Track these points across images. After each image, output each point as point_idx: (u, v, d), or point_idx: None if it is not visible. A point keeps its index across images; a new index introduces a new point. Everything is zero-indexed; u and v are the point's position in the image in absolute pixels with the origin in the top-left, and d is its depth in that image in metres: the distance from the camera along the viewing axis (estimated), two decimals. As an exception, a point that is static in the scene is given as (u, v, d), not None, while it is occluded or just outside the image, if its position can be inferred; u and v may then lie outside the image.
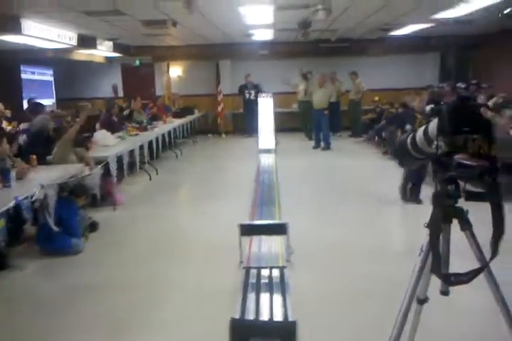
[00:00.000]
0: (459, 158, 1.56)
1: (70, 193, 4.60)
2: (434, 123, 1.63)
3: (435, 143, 1.59)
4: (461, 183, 1.57)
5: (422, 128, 1.71)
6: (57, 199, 4.29)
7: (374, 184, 7.10)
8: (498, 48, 10.66)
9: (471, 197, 1.56)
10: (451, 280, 1.55)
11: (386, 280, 3.63)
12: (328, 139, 10.28)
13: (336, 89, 11.33)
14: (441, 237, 1.59)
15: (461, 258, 1.79)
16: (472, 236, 1.60)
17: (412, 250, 4.24)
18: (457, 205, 1.60)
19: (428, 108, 6.31)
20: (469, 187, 1.61)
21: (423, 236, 1.67)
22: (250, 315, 2.94)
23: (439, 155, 1.58)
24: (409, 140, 1.77)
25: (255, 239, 4.22)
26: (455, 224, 1.63)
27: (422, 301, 1.75)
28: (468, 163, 1.61)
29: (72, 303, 3.40)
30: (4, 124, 7.26)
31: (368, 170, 8.07)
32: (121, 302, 3.41)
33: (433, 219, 1.61)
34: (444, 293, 1.61)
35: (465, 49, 12.06)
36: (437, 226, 1.58)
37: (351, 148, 10.42)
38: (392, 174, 7.70)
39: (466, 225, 1.60)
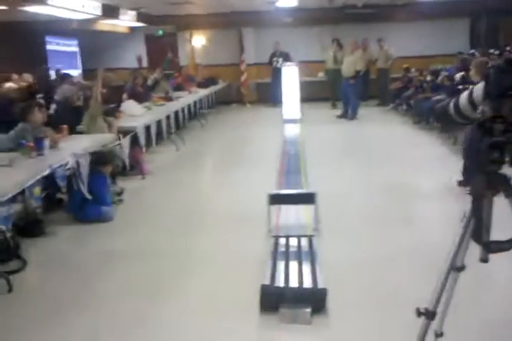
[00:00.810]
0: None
1: (95, 163, 4.63)
2: (479, 88, 1.58)
3: (480, 107, 1.54)
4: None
5: (466, 92, 1.66)
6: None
7: (401, 151, 7.04)
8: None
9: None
10: (491, 247, 1.54)
11: (416, 246, 3.65)
12: (356, 109, 10.01)
13: (367, 56, 11.03)
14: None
15: (503, 226, 1.78)
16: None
17: (441, 216, 4.29)
18: (501, 172, 1.57)
19: (458, 75, 6.15)
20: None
21: (451, 203, 1.65)
22: (280, 282, 2.99)
23: (483, 120, 1.54)
24: (452, 105, 1.72)
25: (283, 208, 4.26)
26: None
27: (460, 268, 1.74)
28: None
29: (103, 269, 3.50)
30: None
31: (396, 139, 7.98)
32: (152, 269, 3.48)
33: (476, 185, 1.59)
34: (484, 260, 1.60)
35: (495, 14, 11.60)
36: (480, 194, 1.56)
37: (378, 117, 10.25)
38: (418, 141, 7.64)
39: (510, 192, 1.57)
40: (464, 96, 1.67)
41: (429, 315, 1.78)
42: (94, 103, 5.24)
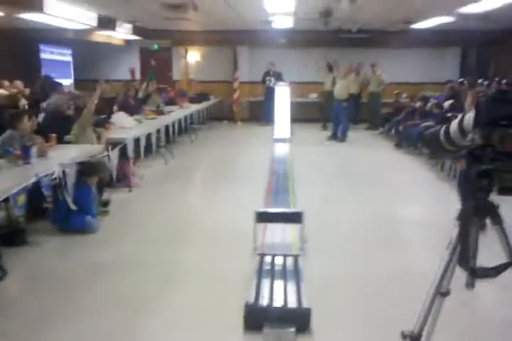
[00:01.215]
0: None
1: (81, 173, 4.58)
2: (469, 116, 1.61)
3: (470, 135, 1.57)
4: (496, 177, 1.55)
5: (457, 120, 1.69)
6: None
7: (389, 175, 7.10)
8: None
9: (504, 191, 1.55)
10: (478, 273, 1.54)
11: (402, 269, 3.66)
12: (345, 131, 10.10)
13: (359, 80, 11.19)
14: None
15: (488, 253, 1.79)
16: (502, 231, 1.59)
17: (426, 237, 4.31)
18: (489, 199, 1.58)
19: (447, 103, 6.26)
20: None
21: (437, 228, 1.66)
22: (264, 301, 2.96)
23: (473, 148, 1.56)
24: (442, 132, 1.75)
25: (269, 226, 4.24)
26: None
27: (444, 294, 1.74)
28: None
29: (87, 281, 3.45)
30: (23, 102, 7.30)
31: (382, 162, 8.05)
32: (137, 281, 3.45)
33: (464, 212, 1.60)
34: (470, 285, 1.60)
35: (486, 44, 11.87)
36: (467, 220, 1.57)
37: (368, 140, 10.36)
38: (405, 166, 7.72)
39: (497, 220, 1.58)
40: (454, 124, 1.70)
41: (414, 338, 1.77)
42: (87, 113, 5.21)
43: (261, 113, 12.37)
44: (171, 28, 11.73)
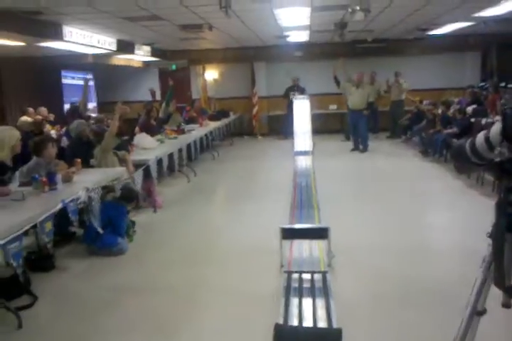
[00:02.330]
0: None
1: (121, 198, 4.73)
2: (496, 128, 1.56)
3: (498, 148, 1.52)
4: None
5: (483, 132, 1.64)
6: (109, 201, 4.59)
7: (415, 184, 6.98)
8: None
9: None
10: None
11: (433, 284, 3.56)
12: (366, 141, 10.07)
13: (374, 89, 11.12)
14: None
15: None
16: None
17: (459, 252, 4.20)
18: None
19: (470, 108, 6.16)
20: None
21: (468, 235, 1.61)
22: (294, 321, 2.92)
23: (502, 161, 1.51)
24: (468, 145, 1.70)
25: (295, 242, 4.20)
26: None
27: (480, 313, 1.68)
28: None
29: (113, 304, 3.46)
30: (48, 128, 7.45)
31: (408, 172, 7.93)
32: (162, 304, 3.44)
33: (496, 228, 1.54)
34: (507, 305, 1.54)
35: (507, 47, 11.70)
36: (501, 237, 1.51)
37: (390, 149, 10.24)
38: (431, 174, 7.59)
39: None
40: (480, 137, 1.64)
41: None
42: (108, 137, 5.27)
43: (280, 127, 12.37)
44: (188, 47, 11.91)
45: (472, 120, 7.84)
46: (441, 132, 8.42)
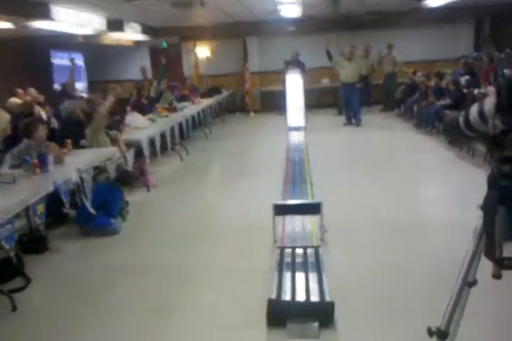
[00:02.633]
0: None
1: (118, 180, 4.74)
2: (490, 100, 1.53)
3: (491, 121, 1.50)
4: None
5: (476, 105, 1.62)
6: (105, 183, 4.65)
7: (408, 157, 6.99)
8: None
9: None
10: (505, 263, 1.49)
11: (425, 256, 3.59)
12: (359, 115, 10.01)
13: (368, 62, 11.00)
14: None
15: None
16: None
17: (451, 224, 4.23)
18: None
19: (463, 79, 6.09)
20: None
21: (459, 208, 1.61)
22: (287, 295, 2.96)
23: (495, 134, 1.50)
24: (461, 118, 1.68)
25: (288, 218, 4.23)
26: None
27: (471, 284, 1.69)
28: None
29: (108, 285, 3.48)
30: (38, 109, 7.37)
31: (401, 145, 7.93)
32: (157, 283, 3.46)
33: (488, 200, 1.54)
34: (497, 276, 1.55)
35: (499, 18, 11.55)
36: (492, 209, 1.52)
37: (383, 122, 10.20)
38: (424, 146, 7.59)
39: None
40: (474, 109, 1.61)
41: (442, 335, 1.73)
42: (99, 117, 5.24)
43: (273, 103, 12.28)
44: (179, 24, 11.70)
45: (465, 91, 7.80)
46: (434, 104, 8.38)
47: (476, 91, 7.31)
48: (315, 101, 11.82)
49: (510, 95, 1.46)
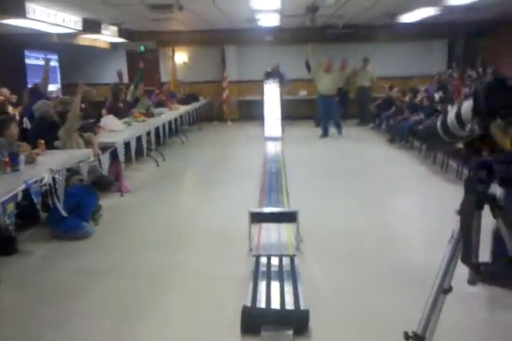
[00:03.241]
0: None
1: (94, 184, 4.67)
2: (467, 106, 1.56)
3: (469, 126, 1.52)
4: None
5: (454, 110, 1.64)
6: (80, 186, 4.57)
7: (383, 170, 7.07)
8: (508, 36, 10.51)
9: (505, 182, 1.50)
10: (480, 269, 1.50)
11: (399, 267, 3.61)
12: (340, 125, 10.03)
13: (343, 75, 11.13)
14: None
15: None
16: (505, 224, 1.54)
17: (423, 235, 4.29)
18: (490, 191, 1.54)
19: (436, 96, 6.23)
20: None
21: (432, 220, 1.62)
22: (261, 303, 2.92)
23: (472, 139, 1.52)
24: (439, 123, 1.70)
25: (264, 226, 4.20)
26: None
27: (446, 291, 1.70)
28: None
29: (79, 289, 3.38)
30: (10, 109, 7.20)
31: (375, 158, 8.02)
32: (129, 288, 3.38)
33: (464, 205, 1.56)
34: (472, 282, 1.56)
35: (473, 36, 11.90)
36: (469, 213, 1.53)
37: (358, 136, 10.29)
38: (398, 160, 7.70)
39: (498, 212, 1.54)
40: (451, 114, 1.64)
41: (418, 339, 1.73)
42: (72, 118, 5.14)
43: (251, 112, 12.32)
44: (157, 28, 11.65)
45: (438, 107, 7.96)
46: (408, 119, 8.53)
47: (449, 107, 7.47)
48: (292, 113, 11.89)
49: (488, 100, 1.48)
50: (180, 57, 13.25)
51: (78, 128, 5.37)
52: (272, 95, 10.57)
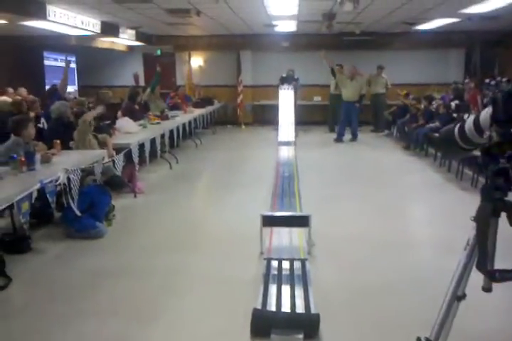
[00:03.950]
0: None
1: (108, 184, 4.73)
2: (486, 113, 1.55)
3: (487, 133, 1.51)
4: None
5: (472, 117, 1.63)
6: (94, 186, 4.61)
7: (397, 177, 7.03)
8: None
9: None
10: (496, 276, 1.49)
11: (410, 273, 3.59)
12: (356, 131, 10.37)
13: (364, 82, 11.14)
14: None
15: (507, 254, 1.73)
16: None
17: (436, 242, 4.26)
18: (507, 199, 1.53)
19: (453, 104, 6.20)
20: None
21: (445, 227, 1.61)
22: (272, 306, 2.92)
23: (490, 145, 1.51)
24: (457, 130, 1.69)
25: (276, 230, 4.20)
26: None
27: (460, 298, 1.68)
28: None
29: (91, 289, 3.40)
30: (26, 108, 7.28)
31: (389, 165, 7.98)
32: (140, 289, 3.40)
33: (481, 212, 1.54)
34: (487, 289, 1.54)
35: (490, 45, 11.81)
36: (485, 221, 1.52)
37: (372, 142, 10.26)
38: (412, 168, 7.65)
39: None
40: (470, 121, 1.64)
41: (431, 345, 1.71)
42: (82, 124, 5.22)
43: (265, 117, 12.38)
44: (174, 33, 11.75)
45: (454, 115, 7.91)
46: (423, 126, 8.48)
47: (465, 115, 7.42)
48: (307, 118, 11.90)
49: (507, 107, 1.48)
50: (196, 61, 13.34)
51: (93, 129, 5.43)
52: (286, 100, 10.57)
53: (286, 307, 2.90)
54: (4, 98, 7.42)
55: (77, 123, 5.39)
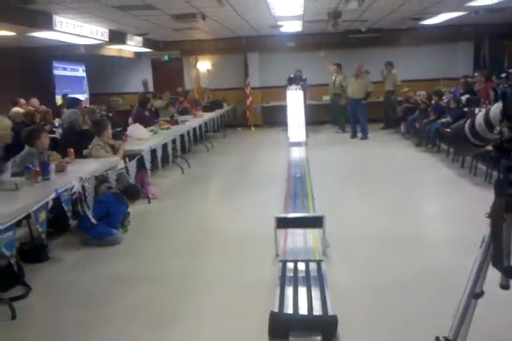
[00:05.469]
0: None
1: (125, 193, 4.77)
2: (496, 108, 1.54)
3: (498, 128, 1.50)
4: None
5: (482, 113, 1.62)
6: (111, 195, 4.66)
7: (407, 175, 6.97)
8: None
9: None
10: (513, 273, 1.48)
11: (427, 272, 3.56)
12: (366, 129, 10.37)
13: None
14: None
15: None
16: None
17: (452, 239, 4.23)
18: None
19: (463, 98, 6.14)
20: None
21: (460, 224, 1.60)
22: (289, 309, 2.92)
23: (502, 141, 1.50)
24: (467, 126, 1.68)
25: (290, 231, 4.20)
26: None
27: (478, 295, 1.67)
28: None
29: (109, 295, 3.43)
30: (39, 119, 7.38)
31: (401, 162, 7.94)
32: (159, 294, 3.42)
33: (495, 208, 1.53)
34: (504, 287, 1.53)
35: (499, 38, 11.69)
36: (499, 216, 1.51)
37: (384, 139, 10.21)
38: (424, 164, 7.60)
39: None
40: (480, 117, 1.62)
41: (450, 344, 1.71)
42: (94, 148, 5.25)
43: (274, 118, 12.42)
44: (180, 38, 11.81)
45: (465, 109, 7.85)
46: (435, 122, 8.42)
47: (476, 109, 7.36)
48: (315, 118, 11.89)
49: None
50: (204, 65, 13.39)
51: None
52: (295, 100, 10.58)
53: (303, 310, 2.90)
54: (17, 109, 7.52)
55: (95, 132, 5.42)
